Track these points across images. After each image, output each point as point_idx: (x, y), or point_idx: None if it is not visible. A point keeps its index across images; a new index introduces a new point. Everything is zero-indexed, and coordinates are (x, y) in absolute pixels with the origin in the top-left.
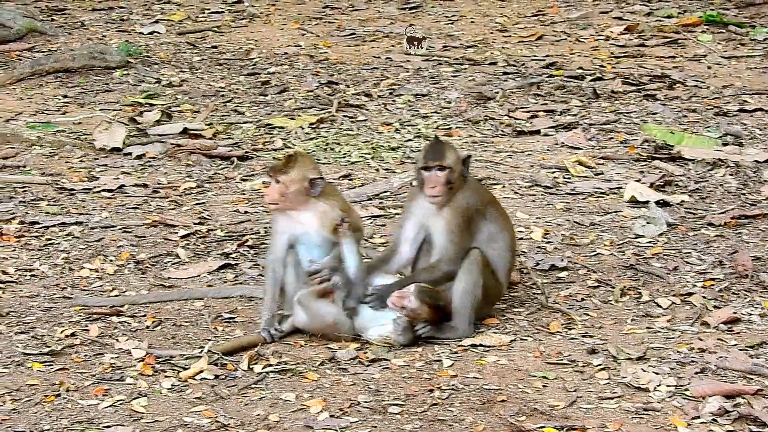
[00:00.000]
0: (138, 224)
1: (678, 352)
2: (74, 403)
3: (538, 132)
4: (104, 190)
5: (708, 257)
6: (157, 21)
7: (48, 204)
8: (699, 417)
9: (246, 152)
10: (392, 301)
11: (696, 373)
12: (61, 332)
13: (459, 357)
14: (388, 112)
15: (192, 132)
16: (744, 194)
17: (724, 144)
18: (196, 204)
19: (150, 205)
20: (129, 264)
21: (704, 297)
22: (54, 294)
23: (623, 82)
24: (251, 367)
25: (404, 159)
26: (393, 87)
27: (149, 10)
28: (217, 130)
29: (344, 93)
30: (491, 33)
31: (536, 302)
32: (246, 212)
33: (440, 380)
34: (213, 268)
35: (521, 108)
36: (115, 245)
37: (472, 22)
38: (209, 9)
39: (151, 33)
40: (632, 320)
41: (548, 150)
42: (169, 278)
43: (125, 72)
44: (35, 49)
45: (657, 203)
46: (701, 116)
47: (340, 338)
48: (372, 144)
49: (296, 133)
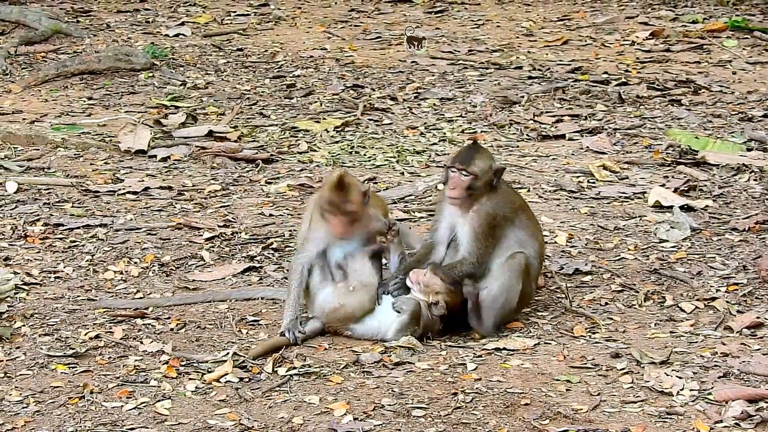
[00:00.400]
0: (162, 227)
1: (701, 357)
2: (98, 405)
3: (563, 136)
4: (129, 193)
5: (732, 262)
6: (183, 23)
7: (73, 206)
8: (722, 421)
9: (271, 155)
10: (411, 278)
11: (719, 378)
12: (85, 334)
13: (483, 360)
14: (414, 116)
15: (217, 134)
16: None
17: (749, 149)
18: (221, 207)
19: (175, 208)
20: (153, 266)
21: (728, 302)
22: (78, 296)
23: (648, 87)
24: (275, 370)
25: (429, 162)
26: (418, 91)
27: (175, 13)
28: (242, 133)
29: (369, 96)
30: (517, 37)
31: (560, 306)
32: (270, 215)
33: (464, 383)
34: (237, 271)
35: (546, 112)
36: (140, 247)
37: (498, 26)
38: (235, 11)
39: (177, 35)
40: (656, 324)
41: (573, 154)
42: (194, 281)
43: (150, 74)
44: (60, 51)
45: (681, 208)
46: (726, 121)
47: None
48: (397, 147)
49: (321, 137)
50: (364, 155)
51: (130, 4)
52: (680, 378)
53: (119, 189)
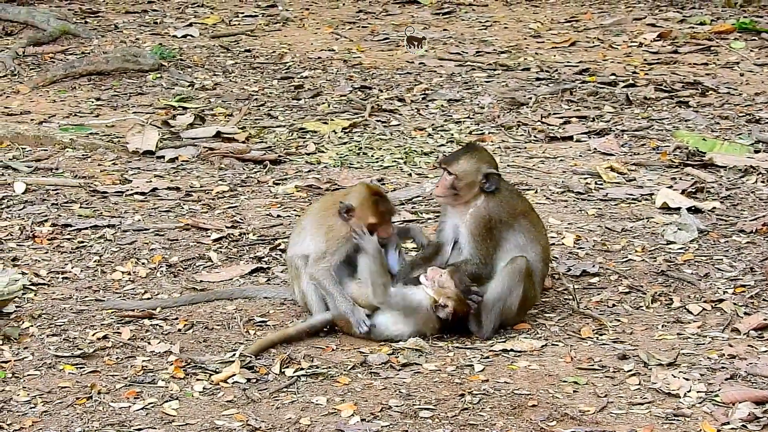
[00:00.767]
0: (170, 227)
1: (708, 359)
2: (106, 406)
3: (571, 138)
4: (137, 193)
5: (739, 264)
6: (191, 24)
7: (80, 207)
8: (729, 423)
9: (279, 156)
10: (429, 274)
11: (726, 380)
12: (93, 335)
13: (490, 362)
14: (421, 117)
15: (225, 135)
16: None
17: (756, 151)
18: (229, 207)
19: (182, 209)
20: (161, 267)
21: (735, 303)
22: (86, 297)
23: (656, 89)
24: (283, 371)
25: (437, 164)
26: (426, 92)
27: (183, 14)
28: (250, 134)
29: (377, 97)
30: (524, 39)
31: (567, 308)
32: (278, 216)
33: (471, 385)
34: (245, 272)
35: (554, 114)
36: (148, 248)
37: (506, 28)
38: (243, 13)
39: (185, 36)
40: (663, 326)
41: (581, 156)
42: (201, 281)
43: (158, 75)
44: (68, 52)
45: (689, 210)
46: (733, 123)
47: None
48: (405, 149)
49: (329, 138)
50: (372, 156)
51: (138, 5)
52: (687, 380)
53: (127, 190)
